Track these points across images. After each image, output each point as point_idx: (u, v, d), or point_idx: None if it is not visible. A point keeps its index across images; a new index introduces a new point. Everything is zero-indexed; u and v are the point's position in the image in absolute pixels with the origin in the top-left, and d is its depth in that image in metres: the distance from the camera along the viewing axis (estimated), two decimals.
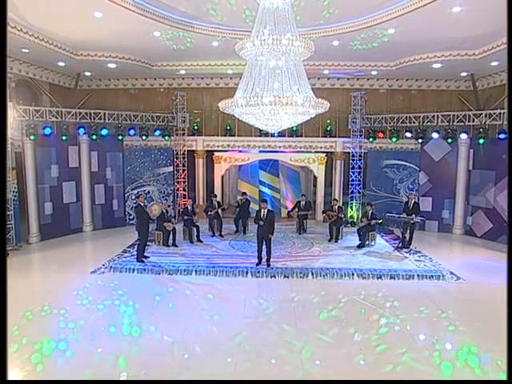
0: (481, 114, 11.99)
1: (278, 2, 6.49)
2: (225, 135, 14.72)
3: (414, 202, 11.03)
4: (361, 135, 13.83)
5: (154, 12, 9.01)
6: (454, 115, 12.44)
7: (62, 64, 12.39)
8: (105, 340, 5.93)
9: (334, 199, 12.28)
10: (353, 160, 13.97)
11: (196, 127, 15.01)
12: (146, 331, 6.18)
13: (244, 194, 12.92)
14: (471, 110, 12.99)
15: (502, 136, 11.28)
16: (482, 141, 11.79)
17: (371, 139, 13.53)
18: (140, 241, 9.67)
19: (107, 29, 9.76)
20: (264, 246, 9.28)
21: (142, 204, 9.71)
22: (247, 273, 8.81)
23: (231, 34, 10.36)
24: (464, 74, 13.42)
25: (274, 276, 8.72)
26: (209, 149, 14.57)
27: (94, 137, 12.36)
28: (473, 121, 12.18)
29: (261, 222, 9.21)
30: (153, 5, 8.77)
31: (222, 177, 14.81)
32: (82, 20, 9.10)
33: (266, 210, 9.38)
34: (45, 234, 11.58)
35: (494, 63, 11.58)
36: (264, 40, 6.34)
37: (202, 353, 5.59)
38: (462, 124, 12.34)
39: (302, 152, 14.32)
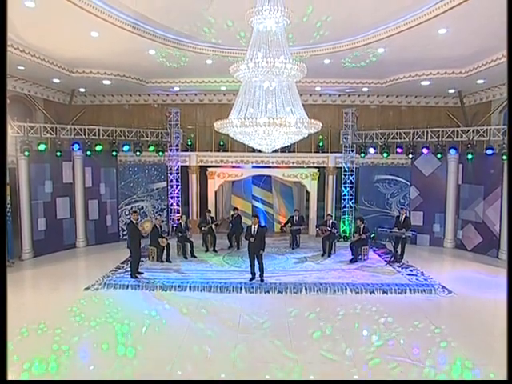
0: (468, 130, 12.31)
1: (271, 25, 6.71)
2: (218, 151, 14.85)
3: (405, 217, 11.20)
4: (352, 150, 14.06)
5: (149, 31, 9.20)
6: (442, 131, 12.76)
7: (56, 80, 12.49)
8: (97, 357, 5.93)
9: (328, 214, 12.35)
10: (345, 175, 14.16)
11: (189, 143, 15.14)
12: (139, 347, 6.17)
13: (235, 209, 12.92)
14: (459, 126, 13.31)
15: (490, 152, 11.58)
16: (470, 156, 12.08)
17: (362, 154, 13.77)
18: (132, 258, 9.65)
19: (103, 47, 9.91)
20: (256, 262, 9.29)
21: (134, 221, 9.73)
22: (241, 288, 8.84)
23: (225, 53, 10.58)
24: (452, 90, 13.77)
25: (268, 291, 8.78)
26: (202, 164, 14.69)
27: (89, 153, 12.44)
28: (461, 137, 12.49)
29: (251, 239, 9.19)
30: (148, 24, 8.95)
31: (216, 192, 14.89)
32: (78, 39, 9.27)
33: (256, 226, 9.36)
34: (38, 250, 11.52)
35: (480, 81, 11.93)
36: (258, 62, 6.53)
37: (195, 369, 5.60)
38: (451, 140, 12.65)
39: (295, 167, 14.49)
